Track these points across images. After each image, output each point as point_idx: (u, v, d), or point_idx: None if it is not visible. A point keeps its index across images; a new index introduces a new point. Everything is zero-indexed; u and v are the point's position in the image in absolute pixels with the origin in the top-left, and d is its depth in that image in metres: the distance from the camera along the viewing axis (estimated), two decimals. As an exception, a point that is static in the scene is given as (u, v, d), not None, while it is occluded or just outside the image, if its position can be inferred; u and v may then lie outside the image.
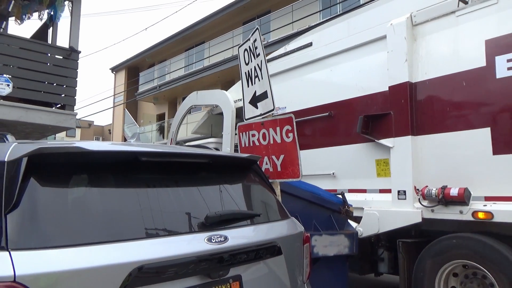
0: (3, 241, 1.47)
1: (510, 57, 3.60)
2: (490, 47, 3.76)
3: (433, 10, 4.25)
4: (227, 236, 1.95)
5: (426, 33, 4.29)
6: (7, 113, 6.21)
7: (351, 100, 4.89)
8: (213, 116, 7.63)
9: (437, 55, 4.17)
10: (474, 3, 4.00)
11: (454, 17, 4.09)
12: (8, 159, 1.71)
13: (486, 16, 3.86)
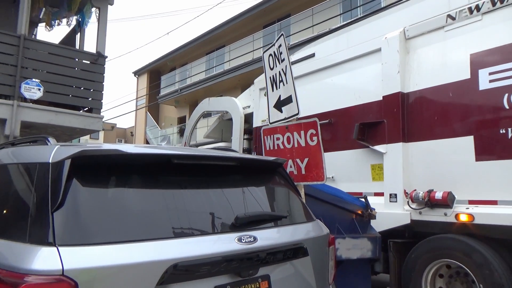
0: (50, 237, 1.57)
1: (492, 71, 3.85)
2: (474, 60, 4.01)
3: (424, 25, 4.51)
4: (256, 236, 2.01)
5: (417, 46, 4.56)
6: (38, 116, 6.46)
7: (349, 108, 5.18)
8: (224, 122, 8.02)
9: (427, 67, 4.43)
10: (461, 19, 4.24)
11: (443, 32, 4.36)
12: (52, 161, 1.83)
13: (471, 32, 4.13)
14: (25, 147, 2.38)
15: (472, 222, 3.76)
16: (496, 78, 3.83)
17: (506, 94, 3.72)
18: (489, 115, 3.86)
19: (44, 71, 6.70)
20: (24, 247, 1.61)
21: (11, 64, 6.31)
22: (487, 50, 3.95)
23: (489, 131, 3.83)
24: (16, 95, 6.21)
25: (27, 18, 6.61)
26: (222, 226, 2.03)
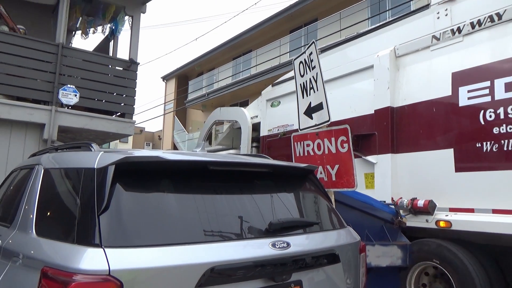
0: (97, 239, 1.67)
1: (470, 88, 4.16)
2: (455, 78, 4.32)
3: (413, 44, 4.85)
4: (289, 242, 2.06)
5: (406, 64, 4.89)
6: (74, 121, 6.72)
7: (345, 120, 5.42)
8: (234, 130, 8.48)
9: (414, 84, 4.74)
10: (444, 40, 4.57)
11: (429, 51, 4.68)
12: (97, 166, 1.93)
13: (453, 52, 4.45)
14: (70, 153, 2.51)
15: (450, 228, 4.11)
16: (474, 95, 4.13)
17: (482, 111, 4.02)
18: (467, 130, 4.16)
19: (79, 77, 6.96)
20: (72, 248, 1.72)
21: (50, 71, 6.60)
22: (466, 69, 4.26)
23: (467, 145, 4.13)
24: (54, 101, 6.50)
25: (65, 27, 6.91)
26: (256, 231, 2.08)
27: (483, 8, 4.29)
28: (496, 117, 3.90)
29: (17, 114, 6.20)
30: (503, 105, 3.88)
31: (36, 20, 7.86)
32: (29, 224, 2.20)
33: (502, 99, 3.89)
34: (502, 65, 3.98)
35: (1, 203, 3.27)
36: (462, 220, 4.04)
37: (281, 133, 6.79)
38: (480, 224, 3.87)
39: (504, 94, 3.89)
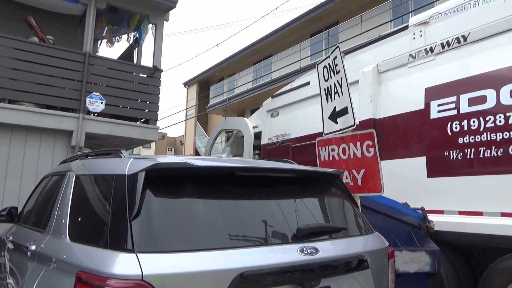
0: (129, 244, 1.70)
1: (440, 102, 4.60)
2: (428, 93, 4.76)
3: (393, 62, 5.29)
4: (318, 248, 2.04)
5: (388, 79, 5.27)
6: (101, 128, 6.89)
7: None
8: (238, 138, 9.00)
9: (393, 98, 5.14)
10: (419, 58, 5.02)
11: (406, 68, 5.13)
12: (128, 173, 1.98)
13: (426, 69, 4.88)
14: (101, 160, 2.58)
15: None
16: (443, 109, 4.57)
17: (449, 123, 4.45)
18: (437, 140, 4.59)
19: (105, 85, 7.13)
20: (106, 253, 1.76)
21: (77, 79, 6.79)
22: (437, 85, 4.69)
23: (437, 153, 4.56)
24: (82, 108, 6.68)
25: (92, 36, 7.10)
26: (283, 236, 2.08)
27: (451, 30, 4.76)
28: (460, 128, 4.37)
29: (46, 121, 6.40)
30: (466, 118, 4.34)
31: (64, 30, 8.11)
32: (63, 229, 2.27)
33: (466, 112, 4.35)
34: (466, 82, 4.44)
35: (34, 208, 3.38)
36: (434, 221, 4.27)
37: (279, 142, 7.28)
38: (450, 224, 4.25)
39: (467, 108, 4.34)
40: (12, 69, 6.33)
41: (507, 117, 4.01)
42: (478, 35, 4.50)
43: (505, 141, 4.02)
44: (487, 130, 4.14)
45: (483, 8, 4.91)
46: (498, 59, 4.27)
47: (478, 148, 4.20)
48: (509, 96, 4.05)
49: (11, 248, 3.25)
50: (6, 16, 7.58)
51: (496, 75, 4.23)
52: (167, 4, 7.64)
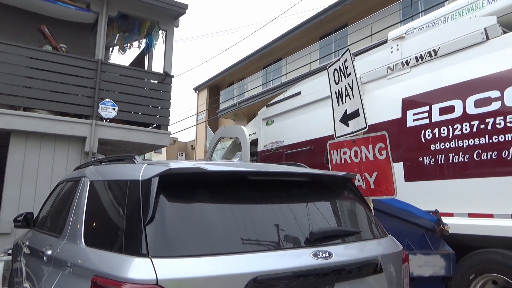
0: (144, 249, 1.72)
1: (415, 112, 4.97)
2: (404, 103, 5.12)
3: (374, 73, 5.61)
4: (331, 252, 2.04)
5: (369, 90, 5.51)
6: (113, 133, 6.97)
7: (323, 138, 6.23)
8: (237, 145, 9.47)
9: (375, 107, 5.40)
10: (397, 71, 5.36)
11: (386, 80, 5.47)
12: (142, 178, 2.00)
13: (403, 81, 5.25)
14: (114, 165, 2.61)
15: None
16: (417, 118, 4.94)
17: (423, 131, 4.81)
18: (413, 146, 4.94)
19: (116, 91, 7.22)
20: (121, 258, 1.78)
21: (90, 86, 6.89)
22: (412, 96, 5.07)
23: (413, 159, 4.91)
24: (95, 114, 6.77)
25: (104, 44, 7.20)
26: (297, 241, 2.08)
27: (424, 45, 5.14)
28: (432, 136, 4.73)
29: (60, 128, 6.50)
30: (437, 126, 4.70)
31: (76, 38, 8.25)
32: (78, 234, 2.30)
33: (437, 121, 4.71)
34: (437, 93, 4.80)
35: (49, 214, 3.44)
36: None
37: (273, 149, 7.74)
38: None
39: (438, 117, 4.71)
40: (26, 77, 6.45)
41: (471, 125, 4.40)
42: (447, 50, 4.89)
43: (471, 148, 4.40)
44: (455, 138, 4.54)
45: (451, 25, 5.61)
46: (465, 72, 4.64)
47: (448, 154, 4.61)
48: (473, 106, 4.43)
49: (28, 253, 3.31)
50: (20, 26, 7.74)
51: (462, 86, 4.60)
52: (177, 10, 7.72)
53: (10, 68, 6.31)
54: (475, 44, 4.61)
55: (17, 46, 6.45)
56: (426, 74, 5.05)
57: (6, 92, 6.25)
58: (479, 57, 4.58)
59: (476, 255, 4.26)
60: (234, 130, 9.33)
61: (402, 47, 5.45)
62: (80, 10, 7.10)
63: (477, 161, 4.35)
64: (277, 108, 7.97)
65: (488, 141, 4.27)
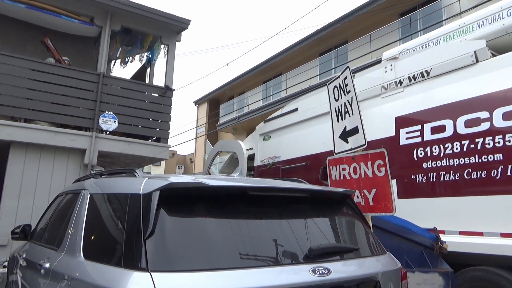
0: (143, 263, 1.72)
1: (408, 130, 5.11)
2: (398, 122, 5.27)
3: (368, 92, 5.78)
4: (330, 268, 2.04)
5: (364, 108, 5.39)
6: (113, 146, 6.99)
7: (319, 154, 6.42)
8: (234, 160, 9.73)
9: (370, 125, 5.26)
10: (390, 90, 5.54)
11: (380, 99, 5.63)
12: (143, 192, 2.01)
13: (396, 100, 5.41)
14: (115, 179, 2.62)
15: None
16: (410, 136, 5.07)
17: (415, 149, 4.94)
18: (405, 164, 5.06)
19: (117, 104, 7.26)
20: (120, 272, 1.78)
21: (91, 99, 6.94)
22: (405, 115, 5.22)
23: (406, 177, 5.02)
24: (95, 127, 6.80)
25: (106, 57, 7.29)
26: (295, 257, 2.08)
27: (417, 66, 5.28)
28: (424, 154, 4.84)
29: (60, 140, 6.53)
30: (429, 145, 4.82)
31: (79, 51, 8.34)
32: (77, 247, 2.30)
33: (428, 140, 4.84)
34: (429, 112, 4.93)
35: (48, 226, 3.43)
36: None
37: (270, 164, 7.88)
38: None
39: (430, 136, 4.83)
40: (28, 89, 6.50)
41: (462, 145, 4.51)
42: (439, 71, 5.02)
43: (461, 167, 4.50)
44: (446, 156, 4.65)
45: (443, 47, 5.78)
46: (455, 93, 4.75)
47: (440, 172, 4.70)
48: (464, 126, 4.55)
49: (24, 266, 3.29)
50: (25, 39, 7.83)
51: (453, 107, 4.72)
52: (179, 25, 7.83)
53: (12, 79, 6.37)
54: (465, 66, 4.77)
55: (20, 58, 6.52)
56: (419, 94, 5.18)
57: (8, 104, 6.29)
58: (469, 79, 4.71)
59: (467, 272, 4.30)
60: (231, 145, 9.46)
61: (396, 67, 5.60)
62: (83, 24, 7.20)
63: (467, 179, 4.44)
64: (274, 123, 8.14)
65: (477, 161, 4.37)
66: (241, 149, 8.78)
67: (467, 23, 6.09)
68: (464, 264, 4.40)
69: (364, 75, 6.17)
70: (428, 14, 13.05)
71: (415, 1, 14.21)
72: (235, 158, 9.77)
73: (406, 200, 4.98)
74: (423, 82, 5.19)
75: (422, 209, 4.85)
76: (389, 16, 14.90)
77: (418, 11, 13.73)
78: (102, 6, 7.08)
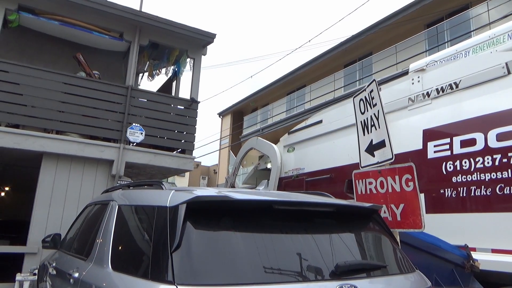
0: (170, 276, 1.74)
1: (436, 144, 5.00)
2: (425, 135, 5.17)
3: (394, 104, 5.69)
4: (357, 286, 2.00)
5: (390, 120, 5.48)
6: (140, 157, 7.12)
7: (344, 166, 6.36)
8: (258, 171, 9.82)
9: (396, 138, 5.17)
10: (418, 102, 5.46)
11: (407, 111, 5.55)
12: (170, 205, 2.04)
13: (424, 112, 5.33)
14: (143, 191, 2.67)
15: None
16: (438, 149, 4.96)
17: (444, 163, 4.84)
18: (434, 178, 4.94)
19: (144, 116, 7.42)
20: (147, 284, 1.80)
21: (119, 111, 7.13)
22: (433, 127, 5.12)
23: (434, 191, 4.90)
24: (123, 139, 6.96)
25: (134, 71, 7.49)
26: (321, 273, 2.05)
27: (445, 77, 5.18)
28: (454, 168, 4.74)
29: (89, 151, 6.71)
30: (459, 158, 4.72)
31: (109, 65, 8.61)
32: (105, 258, 2.35)
33: (458, 153, 4.73)
34: (458, 125, 4.85)
35: (77, 236, 3.51)
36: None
37: (294, 176, 7.81)
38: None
39: (459, 149, 4.73)
40: (61, 102, 6.74)
41: (494, 159, 4.40)
42: (468, 83, 4.93)
43: (493, 182, 4.36)
44: (477, 171, 4.54)
45: (473, 58, 5.65)
46: (486, 105, 4.67)
47: (470, 187, 4.58)
48: (495, 140, 4.45)
49: (54, 274, 3.37)
50: (57, 54, 8.16)
51: (484, 120, 4.63)
52: (205, 39, 7.97)
53: (46, 93, 6.62)
54: (496, 78, 4.66)
55: (53, 73, 6.78)
56: (447, 106, 5.09)
57: (41, 116, 6.53)
58: (500, 91, 4.60)
59: None
60: (267, 147, 8.96)
61: (423, 79, 5.52)
62: (113, 39, 7.44)
63: (499, 195, 4.31)
64: (298, 135, 8.10)
65: (510, 175, 4.24)
66: (275, 155, 8.37)
67: (497, 34, 5.97)
68: (497, 284, 4.23)
69: (391, 87, 6.11)
70: (455, 25, 12.81)
71: (441, 12, 13.98)
72: (260, 169, 9.69)
73: (435, 215, 4.86)
74: (451, 94, 5.10)
75: (451, 225, 4.71)
76: (415, 27, 14.70)
77: (445, 22, 13.50)
78: (131, 22, 7.31)
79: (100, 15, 7.10)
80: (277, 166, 8.19)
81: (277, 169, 8.16)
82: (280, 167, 8.19)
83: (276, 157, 8.32)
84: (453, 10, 13.54)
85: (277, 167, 8.19)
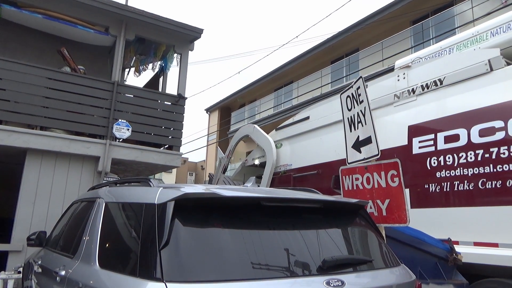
0: (158, 273, 1.74)
1: (421, 139, 5.09)
2: (410, 131, 5.26)
3: (380, 100, 5.78)
4: (344, 280, 2.03)
5: (376, 116, 5.38)
6: (126, 154, 7.06)
7: (331, 162, 6.48)
8: (246, 168, 9.77)
9: (382, 134, 5.18)
10: (403, 98, 5.53)
11: (393, 107, 5.64)
12: (158, 202, 2.04)
13: (409, 108, 5.40)
14: (130, 188, 2.66)
15: None
16: (423, 145, 5.04)
17: (428, 158, 4.93)
18: (418, 173, 5.02)
19: (130, 112, 7.34)
20: (135, 281, 1.80)
21: (105, 107, 7.04)
22: (418, 123, 5.19)
23: (419, 186, 4.98)
24: (109, 135, 6.88)
25: (120, 66, 7.39)
26: (309, 268, 2.07)
27: (430, 74, 5.25)
28: (438, 163, 4.81)
29: (75, 148, 6.62)
30: (442, 154, 4.79)
31: (94, 60, 8.49)
32: (92, 255, 2.33)
33: (442, 149, 4.81)
34: (442, 121, 4.90)
35: (63, 234, 3.48)
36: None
37: (282, 172, 7.83)
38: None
39: (443, 145, 4.80)
40: (45, 98, 6.63)
41: (476, 154, 4.48)
42: (452, 79, 4.98)
43: (476, 176, 4.44)
44: (460, 166, 4.61)
45: (457, 55, 5.70)
46: (469, 102, 4.71)
47: (453, 182, 4.65)
48: (478, 136, 4.51)
49: (39, 272, 3.33)
50: (41, 48, 8.00)
51: (467, 116, 4.69)
52: (192, 35, 7.92)
53: (30, 88, 6.50)
54: (479, 74, 4.75)
55: (37, 67, 6.65)
56: (432, 103, 5.15)
57: (25, 112, 6.41)
58: (483, 88, 4.69)
59: (481, 284, 4.28)
60: (262, 138, 8.78)
61: (409, 75, 5.61)
62: (99, 33, 7.33)
63: (482, 189, 4.40)
64: (285, 131, 8.11)
65: (492, 170, 4.35)
66: (271, 148, 8.13)
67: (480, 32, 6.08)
68: (479, 276, 4.35)
69: (377, 84, 6.17)
70: (440, 22, 12.98)
71: (427, 8, 14.16)
72: (248, 165, 9.68)
73: (419, 210, 4.94)
74: (436, 90, 5.17)
75: (435, 219, 4.81)
76: (400, 24, 14.85)
77: (430, 19, 13.67)
78: (117, 16, 7.21)
79: (84, 8, 6.98)
80: (273, 160, 8.03)
81: (272, 164, 8.03)
82: (275, 161, 8.05)
83: (271, 151, 8.16)
84: (438, 7, 13.71)
85: (273, 161, 8.03)
